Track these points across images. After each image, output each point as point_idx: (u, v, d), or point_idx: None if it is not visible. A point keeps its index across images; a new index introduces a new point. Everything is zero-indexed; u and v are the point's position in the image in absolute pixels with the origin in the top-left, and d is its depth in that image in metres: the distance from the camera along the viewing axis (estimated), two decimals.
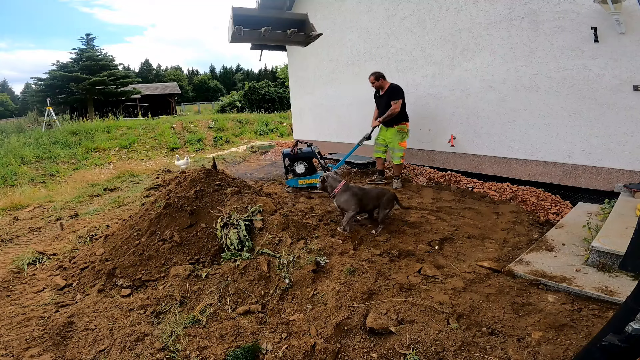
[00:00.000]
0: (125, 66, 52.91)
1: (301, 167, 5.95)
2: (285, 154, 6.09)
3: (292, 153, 5.96)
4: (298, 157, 5.99)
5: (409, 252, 3.32)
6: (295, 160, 6.02)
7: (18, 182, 9.35)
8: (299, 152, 5.95)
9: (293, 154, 5.96)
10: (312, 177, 5.95)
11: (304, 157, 5.98)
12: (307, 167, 5.96)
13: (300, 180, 6.00)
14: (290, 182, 6.11)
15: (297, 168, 5.98)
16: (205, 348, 2.25)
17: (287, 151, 6.02)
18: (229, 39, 4.67)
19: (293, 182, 6.07)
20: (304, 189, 6.01)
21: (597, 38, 4.00)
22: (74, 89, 26.04)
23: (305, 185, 6.02)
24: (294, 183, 6.06)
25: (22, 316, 2.79)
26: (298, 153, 5.96)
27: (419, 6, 6.25)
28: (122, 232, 3.74)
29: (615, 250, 2.61)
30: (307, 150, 5.93)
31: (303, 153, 5.94)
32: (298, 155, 5.97)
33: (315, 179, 5.84)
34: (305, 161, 5.98)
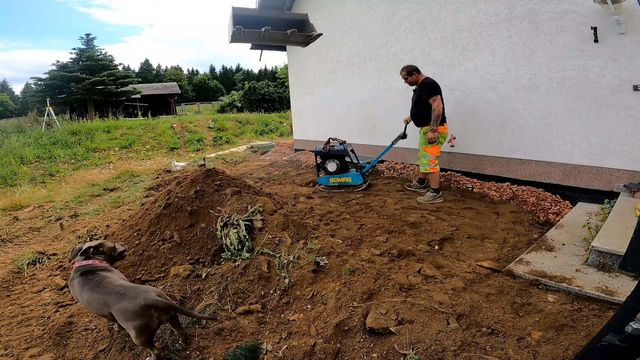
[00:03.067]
0: (125, 66, 52.96)
1: (333, 165, 5.91)
2: (317, 151, 6.03)
3: (323, 150, 5.88)
4: (330, 155, 5.92)
5: (409, 252, 3.32)
6: (327, 158, 5.96)
7: (18, 182, 9.36)
8: (330, 150, 5.86)
9: (325, 152, 5.88)
10: (344, 175, 5.88)
11: (336, 154, 5.90)
12: (338, 165, 5.90)
13: (332, 178, 5.95)
14: (322, 180, 6.09)
15: (328, 166, 5.94)
16: (205, 348, 2.25)
17: (319, 149, 5.95)
18: (229, 39, 4.66)
19: (324, 180, 6.05)
20: (335, 187, 6.00)
21: (597, 38, 4.00)
22: (73, 89, 26.03)
23: (336, 183, 5.97)
24: (325, 181, 6.03)
25: (22, 316, 2.79)
26: (330, 150, 5.87)
27: (418, 6, 6.25)
28: (122, 232, 3.74)
29: (615, 250, 2.61)
30: (339, 148, 5.85)
31: (335, 151, 5.85)
32: (330, 153, 5.89)
33: (347, 177, 5.85)
34: (337, 159, 5.91)
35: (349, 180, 5.82)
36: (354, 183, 5.81)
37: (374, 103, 7.66)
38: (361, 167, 5.92)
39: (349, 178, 5.81)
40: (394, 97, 7.09)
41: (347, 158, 6.05)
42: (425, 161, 5.01)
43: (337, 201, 5.25)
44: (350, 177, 5.80)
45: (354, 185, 5.84)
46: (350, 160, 6.03)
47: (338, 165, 5.88)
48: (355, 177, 5.79)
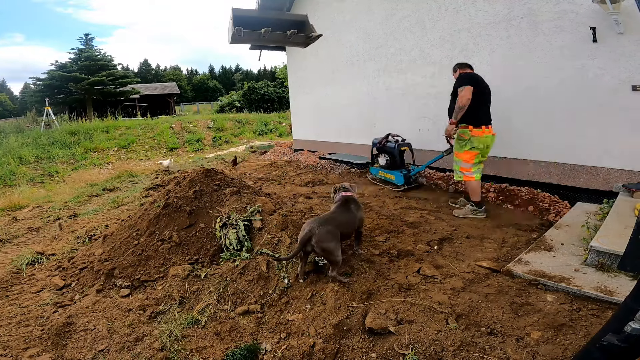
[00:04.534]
0: (124, 66, 52.89)
1: (383, 159, 6.08)
2: (373, 142, 6.31)
3: (379, 144, 6.13)
4: (383, 149, 6.07)
5: (408, 252, 3.32)
6: (381, 151, 6.13)
7: (17, 182, 9.35)
8: (385, 144, 6.04)
9: (380, 145, 6.11)
10: (390, 172, 5.95)
11: (387, 150, 6.02)
12: (388, 161, 6.01)
13: (380, 171, 6.15)
14: (373, 170, 6.42)
15: (380, 159, 6.17)
16: (205, 348, 2.25)
17: (376, 141, 6.21)
18: (229, 40, 4.65)
19: (375, 171, 6.34)
20: (381, 181, 6.23)
21: (595, 38, 4.01)
22: (72, 89, 26.01)
23: (381, 177, 6.18)
24: (375, 172, 6.32)
25: (21, 316, 2.78)
26: (384, 145, 6.05)
27: (418, 6, 6.25)
28: (121, 232, 3.74)
29: (614, 250, 2.62)
30: (391, 145, 5.95)
31: (387, 146, 5.99)
32: (384, 147, 6.05)
33: (392, 175, 5.91)
34: (388, 155, 6.01)
35: (392, 178, 5.90)
36: (396, 182, 5.85)
37: (374, 103, 7.66)
38: (408, 170, 5.88)
39: (393, 176, 5.88)
40: (393, 97, 7.09)
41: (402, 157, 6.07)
42: (456, 167, 4.43)
43: None
44: (394, 175, 5.85)
45: (395, 185, 5.89)
46: (402, 159, 5.99)
47: (388, 161, 5.99)
48: (398, 177, 5.79)
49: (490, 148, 4.35)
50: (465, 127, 4.21)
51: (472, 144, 4.19)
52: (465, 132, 4.21)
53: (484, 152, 4.31)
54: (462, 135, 4.24)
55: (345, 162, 7.87)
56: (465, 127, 4.21)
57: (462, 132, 4.24)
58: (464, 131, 4.22)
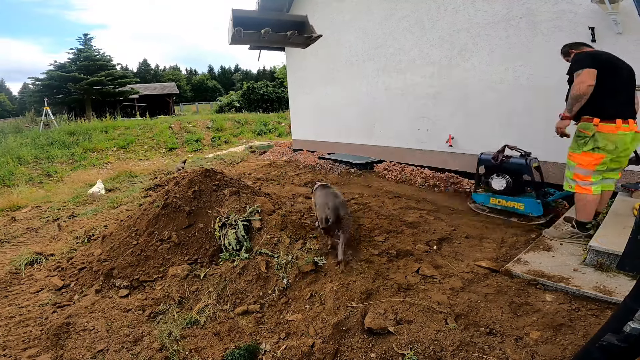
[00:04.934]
0: (123, 66, 52.85)
1: (501, 182, 4.27)
2: (481, 158, 4.51)
3: (493, 160, 4.31)
4: (501, 168, 4.30)
5: (408, 252, 3.32)
6: (495, 170, 4.36)
7: (15, 182, 9.34)
8: (504, 161, 4.25)
9: (495, 161, 4.30)
10: (515, 199, 4.20)
11: (510, 169, 4.25)
12: (510, 184, 4.21)
13: (494, 198, 4.39)
14: (478, 198, 4.58)
15: (494, 182, 4.33)
16: (204, 348, 2.25)
17: (488, 157, 4.39)
18: (229, 40, 4.65)
19: (482, 198, 4.52)
20: (495, 211, 4.42)
21: (594, 38, 4.01)
22: (71, 89, 25.97)
23: (499, 206, 4.35)
24: (484, 200, 4.50)
25: (20, 317, 2.78)
26: (503, 162, 4.25)
27: (417, 6, 6.25)
28: (120, 232, 3.74)
29: (612, 250, 2.62)
30: (518, 162, 4.17)
31: (511, 164, 4.22)
32: (503, 165, 4.27)
33: (520, 203, 4.15)
34: (510, 175, 4.24)
35: (521, 208, 4.13)
36: (527, 212, 4.09)
37: (373, 103, 7.67)
38: (546, 193, 4.21)
39: (522, 204, 4.12)
40: (392, 96, 7.10)
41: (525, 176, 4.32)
42: (569, 174, 3.32)
43: None
44: (524, 203, 4.11)
45: (527, 216, 4.11)
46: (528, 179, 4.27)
47: (509, 183, 4.21)
48: (531, 205, 4.06)
49: (630, 151, 3.16)
50: (589, 119, 3.11)
51: (597, 143, 3.06)
52: (588, 126, 3.11)
53: (617, 157, 3.12)
54: (584, 130, 3.15)
55: (345, 162, 7.87)
56: (589, 119, 3.11)
57: (583, 126, 3.15)
58: (586, 125, 3.12)
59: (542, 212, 4.01)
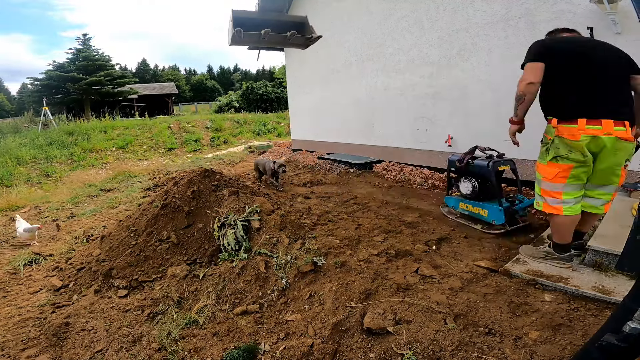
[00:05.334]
0: (122, 66, 52.82)
1: (467, 186, 4.05)
2: (450, 160, 4.29)
3: (459, 162, 4.08)
4: (467, 171, 4.08)
5: (407, 252, 3.32)
6: (463, 174, 4.14)
7: (14, 182, 9.31)
8: (469, 164, 4.01)
9: (461, 164, 4.05)
10: (480, 205, 3.93)
11: (474, 172, 4.00)
12: (476, 188, 3.98)
13: (462, 202, 4.16)
14: (450, 201, 4.40)
15: (462, 185, 4.12)
16: (203, 349, 2.25)
17: (455, 158, 4.18)
18: (229, 41, 4.66)
19: (453, 202, 4.32)
20: (464, 217, 4.22)
21: (593, 38, 4.01)
22: (70, 89, 25.92)
23: (467, 212, 4.12)
24: (454, 204, 4.30)
25: (19, 317, 2.78)
26: (468, 165, 4.02)
27: (416, 6, 6.26)
28: (118, 232, 3.73)
29: (611, 250, 2.62)
30: (481, 164, 3.88)
31: (475, 167, 3.96)
32: (467, 168, 4.04)
33: (484, 209, 3.88)
34: (476, 178, 4.00)
35: (485, 214, 3.87)
36: (490, 220, 3.82)
37: (372, 103, 7.67)
38: (513, 201, 3.84)
39: (486, 211, 3.86)
40: (391, 96, 7.10)
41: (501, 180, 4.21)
42: (537, 190, 2.82)
43: (334, 201, 5.25)
44: (488, 210, 3.83)
45: (490, 224, 3.85)
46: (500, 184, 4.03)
47: (475, 188, 3.98)
48: (494, 213, 3.75)
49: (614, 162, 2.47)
50: (550, 120, 2.64)
51: (558, 150, 2.53)
52: (549, 129, 2.62)
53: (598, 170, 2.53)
54: (546, 135, 2.68)
55: (344, 162, 7.87)
56: (550, 120, 2.64)
57: (546, 129, 2.68)
58: (548, 128, 2.65)
59: (503, 220, 3.67)
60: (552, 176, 2.59)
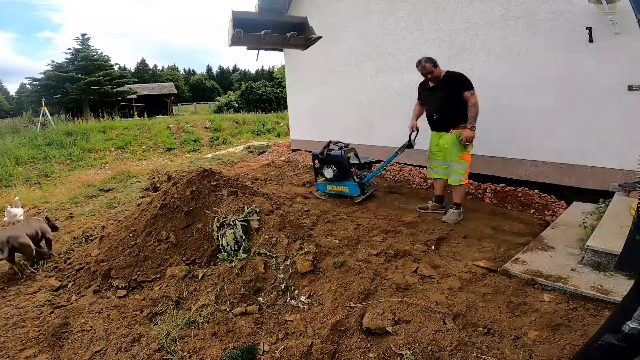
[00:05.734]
0: (121, 66, 52.76)
1: (329, 171, 5.27)
2: (314, 154, 5.53)
3: (320, 155, 5.33)
4: (327, 160, 5.33)
5: (406, 252, 3.33)
6: (325, 163, 5.37)
7: (13, 183, 9.28)
8: (328, 155, 5.28)
9: (322, 156, 5.32)
10: (341, 183, 5.27)
11: (333, 160, 5.28)
12: (335, 172, 5.24)
13: (329, 185, 5.41)
14: (319, 186, 5.61)
15: (325, 171, 5.33)
16: (202, 349, 2.24)
17: (317, 152, 5.42)
18: (228, 42, 4.66)
19: (322, 186, 5.54)
20: (332, 195, 5.47)
21: (591, 38, 4.02)
22: (69, 89, 25.86)
23: (333, 192, 5.41)
24: (323, 187, 5.52)
25: (18, 317, 2.77)
26: (327, 155, 5.29)
27: (415, 6, 6.26)
28: (117, 233, 3.73)
29: (610, 250, 2.62)
30: (336, 154, 5.22)
31: (332, 156, 5.25)
32: (327, 158, 5.31)
33: (344, 186, 5.25)
34: (335, 165, 5.25)
35: (345, 190, 5.25)
36: (350, 194, 5.23)
37: (371, 103, 7.67)
38: (361, 178, 5.32)
39: (346, 188, 5.24)
40: (390, 97, 7.10)
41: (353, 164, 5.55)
42: (462, 171, 4.20)
43: (333, 201, 5.25)
44: (347, 186, 5.22)
45: (351, 197, 5.25)
46: (350, 166, 5.37)
47: (335, 171, 5.24)
48: (352, 188, 5.18)
49: None
50: (464, 127, 4.10)
51: (471, 144, 4.17)
52: None
53: None
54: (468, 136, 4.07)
55: None
56: (464, 127, 4.10)
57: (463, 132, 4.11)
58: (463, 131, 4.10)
59: (359, 192, 5.14)
60: (468, 158, 4.22)
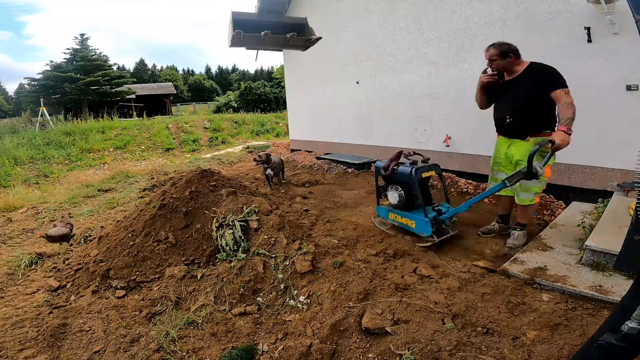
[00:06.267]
0: (120, 66, 52.68)
1: (394, 195, 3.77)
2: (377, 167, 4.01)
3: (384, 170, 3.79)
4: (393, 179, 3.81)
5: (405, 252, 3.33)
6: (391, 182, 3.86)
7: (11, 183, 9.26)
8: (394, 171, 3.73)
9: (387, 171, 3.76)
10: (408, 215, 3.66)
11: (399, 180, 3.75)
12: (402, 198, 3.71)
13: (392, 213, 3.87)
14: (380, 211, 4.08)
15: (389, 194, 3.85)
16: (201, 349, 2.24)
17: (382, 164, 3.86)
18: (228, 43, 4.66)
19: (383, 212, 4.02)
20: (395, 227, 3.93)
21: (590, 38, 4.03)
22: (67, 89, 25.82)
23: (397, 223, 3.83)
24: (385, 213, 4.00)
25: (16, 317, 2.76)
26: (393, 172, 3.74)
27: (414, 6, 6.26)
28: (116, 233, 3.72)
29: (609, 249, 2.63)
30: (405, 172, 3.63)
31: (399, 175, 3.71)
32: (393, 177, 3.79)
33: (411, 220, 3.62)
34: (402, 187, 3.72)
35: (412, 226, 3.62)
36: (418, 232, 3.58)
37: (370, 103, 7.67)
38: (439, 211, 3.60)
39: (413, 222, 3.61)
40: (390, 96, 7.10)
41: None
42: (537, 189, 3.27)
43: (332, 201, 5.25)
44: (415, 221, 3.58)
45: (419, 236, 3.60)
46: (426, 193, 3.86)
47: (402, 197, 3.71)
48: (420, 225, 3.52)
49: None
50: (547, 133, 3.10)
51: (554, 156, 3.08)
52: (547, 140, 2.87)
53: None
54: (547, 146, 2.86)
55: (342, 162, 7.88)
56: (547, 133, 3.10)
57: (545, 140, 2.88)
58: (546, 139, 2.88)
59: (430, 232, 3.45)
60: (548, 175, 3.18)
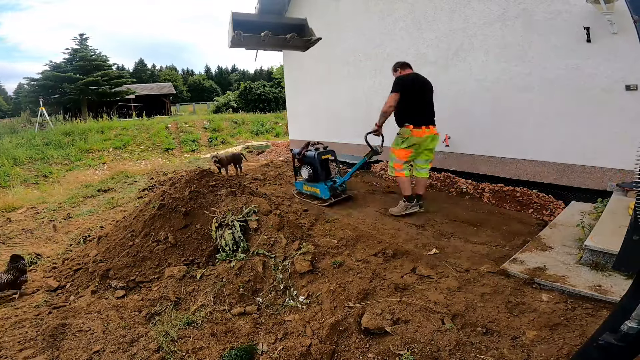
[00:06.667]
0: (119, 66, 52.67)
1: (305, 172, 5.32)
2: (294, 153, 5.67)
3: (298, 154, 5.44)
4: (304, 161, 5.42)
5: (404, 252, 3.33)
6: (302, 162, 5.44)
7: (11, 183, 9.26)
8: (305, 155, 5.37)
9: (300, 156, 5.42)
10: (314, 185, 5.27)
11: (308, 161, 5.34)
12: (311, 173, 5.26)
13: (305, 185, 5.48)
14: (298, 185, 5.72)
15: (302, 171, 5.41)
16: (201, 349, 2.24)
17: (297, 151, 5.54)
18: (228, 43, 4.66)
19: (299, 186, 5.64)
20: (307, 196, 5.50)
21: (589, 38, 4.03)
22: (67, 89, 25.83)
23: (308, 192, 5.46)
24: (300, 187, 5.63)
25: (16, 318, 2.76)
26: (304, 156, 5.38)
27: (414, 6, 6.26)
28: (115, 233, 3.72)
29: (608, 249, 2.63)
30: (310, 155, 5.28)
31: (307, 157, 5.34)
32: (304, 159, 5.40)
33: (316, 188, 5.24)
34: (310, 166, 5.29)
35: (317, 192, 5.23)
36: (321, 196, 5.19)
37: (370, 103, 7.67)
38: (334, 181, 5.25)
39: (318, 190, 5.21)
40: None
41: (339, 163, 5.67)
42: (390, 163, 4.59)
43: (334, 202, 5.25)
44: (319, 189, 5.18)
45: (322, 199, 5.20)
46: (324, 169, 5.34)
47: (311, 173, 5.26)
48: (323, 191, 5.14)
49: (429, 148, 4.44)
50: (406, 126, 4.35)
51: (409, 142, 4.32)
52: (406, 131, 4.33)
53: (420, 151, 4.42)
54: (403, 134, 4.37)
55: (342, 162, 7.86)
56: (406, 126, 4.35)
57: (403, 130, 4.39)
58: (405, 130, 4.36)
59: (329, 195, 5.06)
60: (401, 156, 4.40)
